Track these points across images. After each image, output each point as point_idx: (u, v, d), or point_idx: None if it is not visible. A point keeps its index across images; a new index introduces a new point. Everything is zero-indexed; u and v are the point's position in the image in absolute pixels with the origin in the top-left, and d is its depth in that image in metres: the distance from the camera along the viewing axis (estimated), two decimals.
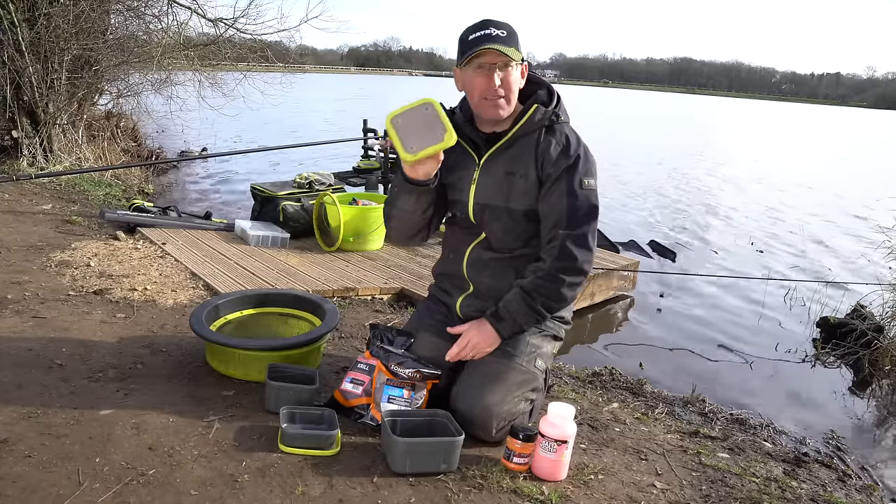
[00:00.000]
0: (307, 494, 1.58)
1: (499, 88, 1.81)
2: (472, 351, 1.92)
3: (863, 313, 4.14)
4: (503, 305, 1.91)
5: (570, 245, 1.83)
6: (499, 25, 1.82)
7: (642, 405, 2.62)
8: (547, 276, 1.85)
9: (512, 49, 1.79)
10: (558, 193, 1.85)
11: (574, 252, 1.83)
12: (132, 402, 1.96)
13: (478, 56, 1.79)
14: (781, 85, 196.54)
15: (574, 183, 1.84)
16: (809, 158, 18.93)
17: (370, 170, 5.75)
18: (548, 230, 1.88)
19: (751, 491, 1.87)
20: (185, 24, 7.17)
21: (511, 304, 1.89)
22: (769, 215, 8.69)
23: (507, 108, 1.86)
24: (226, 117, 8.41)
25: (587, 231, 1.86)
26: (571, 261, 1.84)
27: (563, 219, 1.84)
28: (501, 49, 1.76)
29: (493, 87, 1.80)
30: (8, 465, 1.58)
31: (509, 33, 1.81)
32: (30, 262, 3.30)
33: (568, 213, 1.84)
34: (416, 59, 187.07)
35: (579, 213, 1.85)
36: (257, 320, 2.51)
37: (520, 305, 1.88)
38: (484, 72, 1.81)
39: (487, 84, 1.81)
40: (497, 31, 1.80)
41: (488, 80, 1.80)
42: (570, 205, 1.84)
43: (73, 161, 6.32)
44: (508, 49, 1.78)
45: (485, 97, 1.83)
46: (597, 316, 4.30)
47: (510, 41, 1.80)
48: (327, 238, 4.22)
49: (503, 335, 1.92)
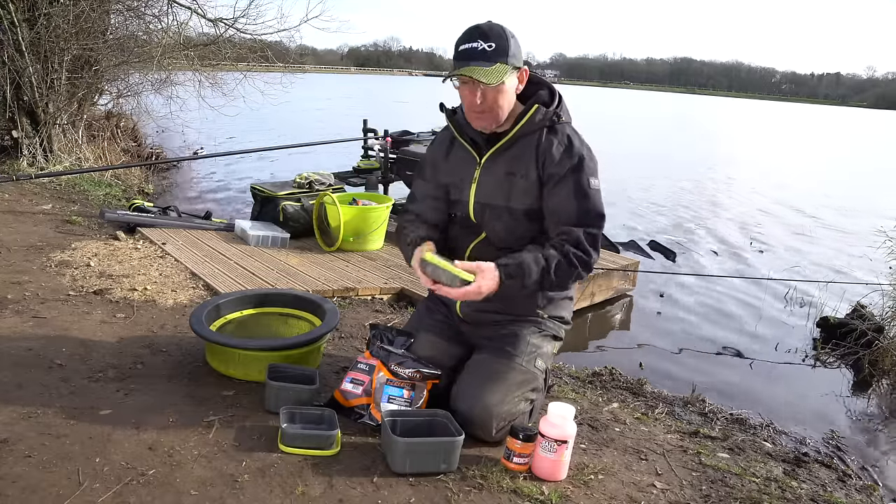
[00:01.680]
0: (307, 494, 1.58)
1: (479, 105, 1.80)
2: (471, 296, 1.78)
3: (863, 313, 4.13)
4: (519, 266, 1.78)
5: (586, 242, 1.83)
6: (488, 36, 1.75)
7: (642, 405, 2.62)
8: (566, 259, 1.80)
9: (494, 67, 1.73)
10: (566, 193, 1.85)
11: (589, 249, 1.84)
12: (132, 402, 1.96)
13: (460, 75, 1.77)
14: (781, 85, 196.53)
15: (582, 183, 1.85)
16: (809, 158, 18.93)
17: (370, 170, 5.74)
18: (558, 225, 1.86)
19: (751, 491, 1.87)
20: (185, 24, 7.18)
21: (530, 269, 1.78)
22: (769, 215, 8.70)
23: (493, 122, 1.86)
24: (226, 117, 8.41)
25: (597, 233, 1.87)
26: (587, 256, 1.84)
27: (574, 217, 1.84)
28: (477, 75, 1.72)
29: (475, 103, 1.80)
30: (8, 465, 1.58)
31: (498, 46, 1.74)
32: (30, 262, 3.30)
33: (579, 213, 1.84)
34: (416, 59, 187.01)
35: (590, 213, 1.85)
36: (257, 320, 2.51)
37: (535, 278, 1.78)
38: (467, 86, 1.80)
39: (471, 98, 1.80)
40: (484, 45, 1.74)
41: (472, 95, 1.80)
42: (580, 205, 1.84)
43: (73, 161, 6.32)
44: (488, 70, 1.73)
45: (471, 110, 1.84)
46: (597, 316, 4.30)
47: (497, 55, 1.74)
48: (327, 238, 4.22)
49: (501, 290, 1.79)
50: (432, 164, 2.10)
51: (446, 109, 2.04)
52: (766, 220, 8.38)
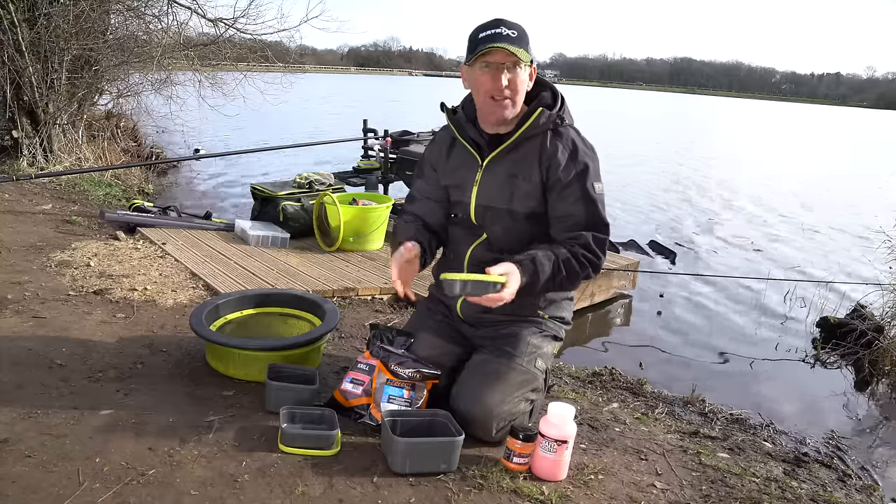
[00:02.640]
0: (307, 494, 1.58)
1: (505, 89, 1.80)
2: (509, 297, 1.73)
3: (863, 313, 4.13)
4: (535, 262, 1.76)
5: (594, 245, 1.84)
6: (510, 25, 1.80)
7: (642, 405, 2.63)
8: (576, 258, 1.81)
9: (522, 50, 1.77)
10: (574, 199, 1.85)
11: (597, 250, 1.84)
12: (132, 402, 1.96)
13: (486, 54, 1.78)
14: (781, 85, 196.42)
15: (589, 189, 1.85)
16: (809, 158, 18.92)
17: (370, 170, 5.74)
18: (566, 230, 1.86)
19: (751, 491, 1.87)
20: (185, 24, 7.17)
21: (544, 266, 1.77)
22: (769, 215, 8.69)
23: (512, 110, 1.85)
24: (226, 117, 8.41)
25: (604, 238, 1.88)
26: (596, 258, 1.85)
27: (581, 222, 1.85)
28: (511, 49, 1.75)
29: (500, 86, 1.79)
30: (8, 465, 1.58)
31: (520, 34, 1.80)
32: (30, 262, 3.30)
33: (587, 218, 1.85)
34: (416, 59, 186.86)
35: (597, 218, 1.86)
36: (257, 320, 2.51)
37: (548, 275, 1.78)
38: (491, 70, 1.80)
39: (493, 83, 1.80)
40: (508, 31, 1.78)
41: (495, 80, 1.79)
42: (587, 210, 1.85)
43: (73, 161, 6.32)
44: (518, 49, 1.76)
45: (491, 96, 1.82)
46: (597, 316, 4.30)
47: (520, 42, 1.78)
48: (327, 238, 4.22)
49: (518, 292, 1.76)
50: (432, 165, 2.10)
51: (447, 109, 2.04)
52: (766, 219, 8.38)
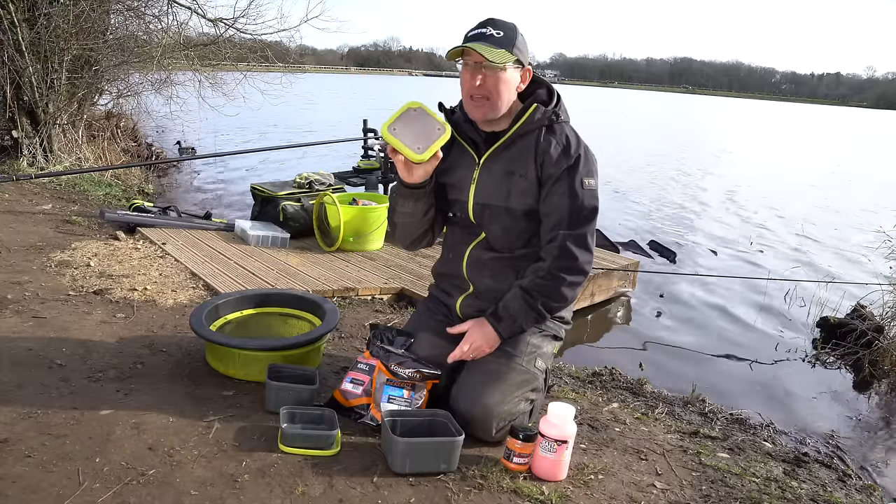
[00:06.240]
0: (307, 494, 1.58)
1: (480, 88, 1.80)
2: (472, 353, 1.92)
3: (863, 313, 4.13)
4: (503, 305, 1.90)
5: (570, 245, 1.83)
6: (499, 26, 1.80)
7: (642, 405, 2.62)
8: (547, 275, 1.85)
9: (500, 51, 1.76)
10: (559, 194, 1.85)
11: (574, 252, 1.84)
12: (132, 402, 1.96)
13: (464, 53, 1.80)
14: (781, 85, 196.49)
15: (575, 183, 1.84)
16: (809, 158, 18.92)
17: (370, 170, 5.73)
18: (548, 230, 1.88)
19: (751, 491, 1.87)
20: (185, 24, 7.17)
21: (511, 303, 1.89)
22: (769, 215, 8.69)
23: (489, 111, 1.84)
24: (226, 117, 8.41)
25: (587, 231, 1.86)
26: (572, 260, 1.84)
27: (563, 219, 1.84)
28: (481, 50, 1.73)
29: (474, 85, 1.80)
30: (8, 465, 1.58)
31: (506, 35, 1.79)
32: (30, 262, 3.30)
33: (569, 214, 1.84)
34: (416, 59, 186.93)
35: (580, 213, 1.85)
36: (257, 320, 2.51)
37: (520, 305, 1.88)
38: (469, 69, 1.81)
39: (471, 82, 1.81)
40: (493, 31, 1.78)
41: (471, 78, 1.80)
42: (570, 205, 1.84)
43: (73, 161, 6.32)
44: (494, 51, 1.75)
45: (469, 95, 1.84)
46: (597, 316, 4.30)
47: (503, 43, 1.77)
48: (327, 238, 4.22)
49: (503, 335, 1.91)
50: None
51: (445, 109, 2.04)
52: (766, 219, 8.37)
